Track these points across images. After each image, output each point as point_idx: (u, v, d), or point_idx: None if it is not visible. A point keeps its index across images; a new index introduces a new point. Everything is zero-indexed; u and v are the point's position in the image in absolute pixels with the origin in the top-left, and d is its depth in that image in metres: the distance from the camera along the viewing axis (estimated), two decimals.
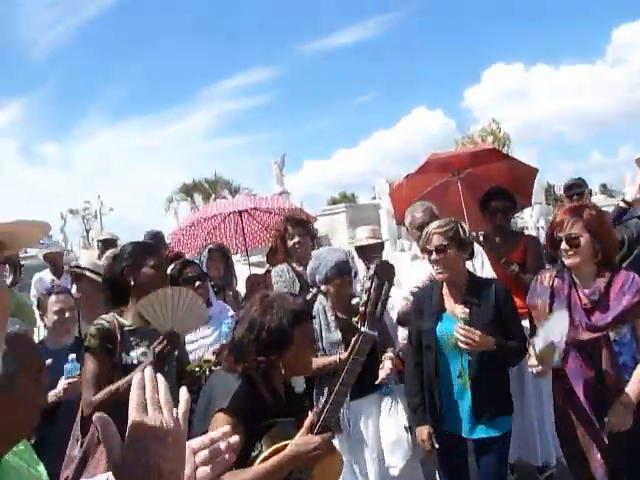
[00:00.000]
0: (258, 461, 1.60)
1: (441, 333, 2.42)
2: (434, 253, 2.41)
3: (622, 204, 3.18)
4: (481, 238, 3.79)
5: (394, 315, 3.10)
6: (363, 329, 1.73)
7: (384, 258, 4.50)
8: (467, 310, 2.30)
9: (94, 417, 0.78)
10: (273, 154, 27.36)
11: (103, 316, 2.30)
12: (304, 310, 1.84)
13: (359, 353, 1.73)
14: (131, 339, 2.25)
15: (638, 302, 2.10)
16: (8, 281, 0.52)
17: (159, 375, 0.83)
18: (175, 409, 0.80)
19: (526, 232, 6.86)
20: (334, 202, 33.77)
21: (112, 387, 2.10)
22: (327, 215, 18.77)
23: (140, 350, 2.23)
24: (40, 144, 74.76)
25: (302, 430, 1.63)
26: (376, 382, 2.55)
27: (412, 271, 3.19)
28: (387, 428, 2.66)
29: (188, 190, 37.05)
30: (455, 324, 2.30)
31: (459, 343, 2.27)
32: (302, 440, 1.61)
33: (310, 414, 1.69)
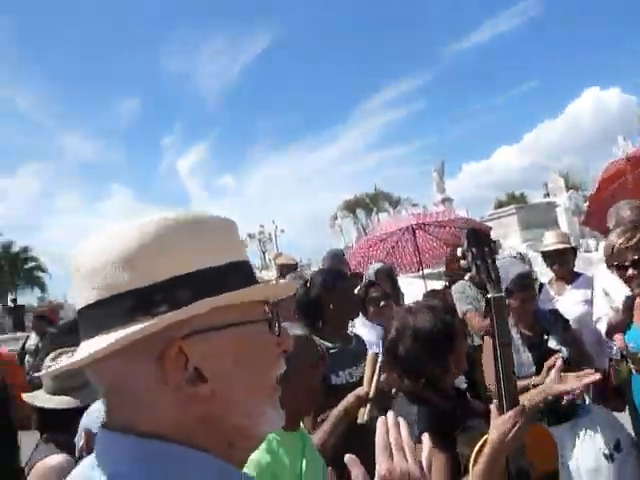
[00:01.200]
0: (470, 467, 1.54)
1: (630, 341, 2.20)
2: (631, 269, 2.19)
3: None
4: None
5: (602, 326, 2.80)
6: (489, 295, 1.61)
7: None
8: None
9: (345, 459, 0.81)
10: (430, 161, 26.99)
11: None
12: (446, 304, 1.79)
13: (500, 316, 1.60)
14: (337, 360, 2.37)
15: None
16: (276, 331, 0.62)
17: (400, 419, 0.86)
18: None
19: None
20: (501, 205, 31.85)
21: (325, 427, 1.98)
22: (495, 219, 17.77)
23: (347, 371, 2.35)
24: (218, 178, 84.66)
25: (492, 416, 1.53)
26: (563, 401, 2.26)
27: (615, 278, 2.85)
28: (584, 454, 2.41)
29: (350, 206, 38.37)
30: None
31: None
32: (498, 421, 1.50)
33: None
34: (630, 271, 2.18)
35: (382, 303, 3.18)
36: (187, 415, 0.60)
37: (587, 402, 2.55)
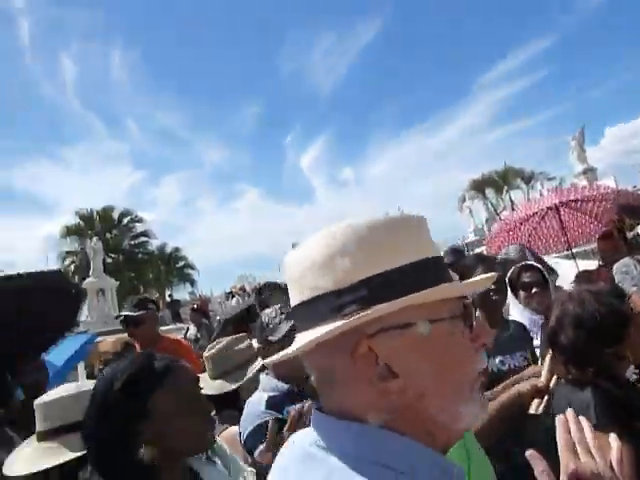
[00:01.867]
0: None
1: None
2: None
3: None
4: None
5: None
6: None
7: None
8: None
9: (527, 454, 0.79)
10: (563, 131, 24.64)
11: None
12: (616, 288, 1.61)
13: None
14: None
15: None
16: (468, 324, 0.65)
17: (582, 417, 0.84)
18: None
19: None
20: None
21: (494, 407, 1.93)
22: None
23: (499, 358, 2.26)
24: (340, 170, 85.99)
25: None
26: None
27: None
28: None
29: (478, 186, 36.56)
30: None
31: None
32: None
33: None
34: None
35: (534, 290, 3.00)
36: (386, 405, 0.65)
37: None
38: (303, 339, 0.67)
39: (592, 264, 4.29)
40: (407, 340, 0.64)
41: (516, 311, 2.95)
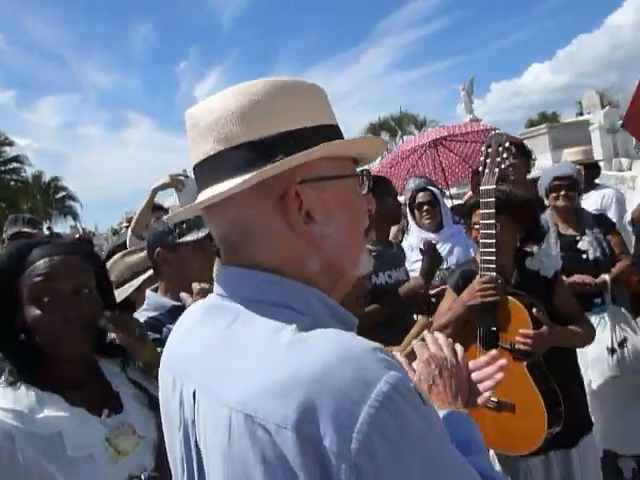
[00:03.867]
0: None
1: None
2: None
3: None
4: None
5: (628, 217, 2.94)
6: (482, 187, 1.86)
7: (601, 183, 4.10)
8: None
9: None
10: (457, 80, 25.77)
11: None
12: None
13: (484, 207, 1.86)
14: (376, 262, 2.52)
15: None
16: (364, 190, 0.69)
17: (438, 334, 1.03)
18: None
19: None
20: (532, 124, 30.53)
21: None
22: (527, 139, 17.12)
23: (387, 272, 2.51)
24: None
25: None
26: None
27: None
28: (592, 345, 2.58)
29: (375, 129, 37.41)
30: None
31: None
32: (474, 282, 1.88)
33: None
34: None
35: (425, 208, 3.25)
36: (302, 253, 0.70)
37: (606, 302, 2.78)
38: (224, 187, 0.67)
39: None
40: (325, 191, 0.70)
41: (413, 230, 3.31)
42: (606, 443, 2.84)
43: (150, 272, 2.07)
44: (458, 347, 0.99)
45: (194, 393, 0.68)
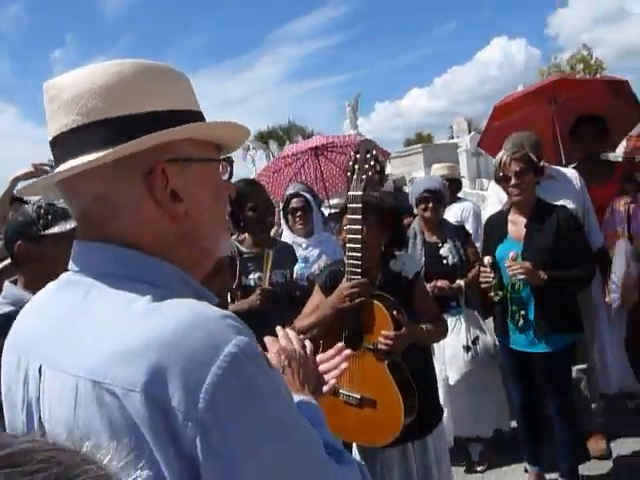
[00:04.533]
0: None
1: (502, 254, 2.57)
2: (514, 178, 2.51)
3: None
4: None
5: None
6: (350, 193, 1.91)
7: (463, 197, 4.54)
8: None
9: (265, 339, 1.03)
10: (346, 97, 26.86)
11: None
12: None
13: (352, 212, 1.90)
14: (248, 264, 2.63)
15: None
16: (226, 175, 0.66)
17: (289, 330, 1.08)
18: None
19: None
20: (409, 143, 32.82)
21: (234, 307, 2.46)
22: (403, 156, 18.42)
23: (257, 274, 2.60)
24: None
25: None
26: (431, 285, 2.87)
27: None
28: (448, 345, 3.00)
29: (263, 137, 37.49)
30: (507, 256, 2.48)
31: (509, 273, 2.45)
32: (342, 285, 1.95)
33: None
34: (513, 181, 2.52)
35: (298, 214, 3.29)
36: (165, 230, 0.71)
37: (461, 305, 3.07)
38: (88, 158, 0.65)
39: None
40: (191, 172, 0.72)
41: (285, 234, 3.38)
42: (461, 430, 3.14)
43: (6, 262, 1.91)
44: (307, 342, 1.05)
45: (40, 368, 0.66)
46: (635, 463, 2.96)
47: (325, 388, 1.01)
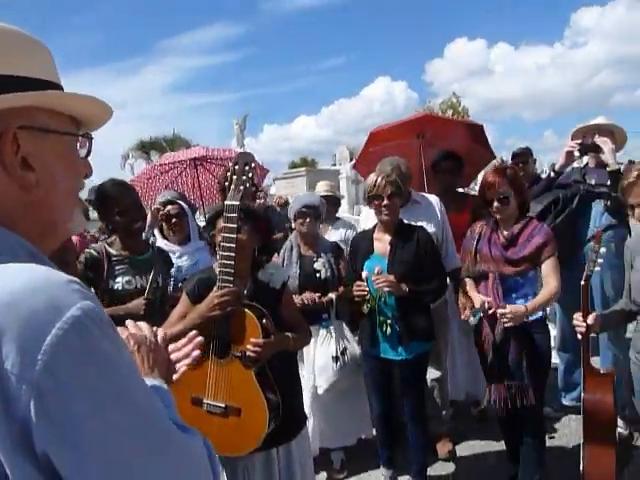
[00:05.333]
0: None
1: (369, 269, 2.75)
2: (386, 199, 2.73)
3: (552, 174, 3.59)
4: None
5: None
6: (227, 202, 1.96)
7: (344, 219, 4.77)
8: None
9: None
10: (235, 115, 26.83)
11: (94, 245, 2.66)
12: None
13: (228, 221, 1.94)
14: (116, 267, 2.53)
15: (544, 242, 2.54)
16: (84, 152, 0.63)
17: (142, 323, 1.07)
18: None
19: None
20: (295, 166, 33.58)
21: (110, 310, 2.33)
22: (288, 178, 18.79)
23: (126, 278, 2.53)
24: None
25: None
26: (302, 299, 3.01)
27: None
28: (319, 355, 3.14)
29: (145, 147, 35.83)
30: (373, 270, 2.66)
31: (375, 286, 2.63)
32: (213, 294, 1.94)
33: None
34: (385, 201, 2.73)
35: (174, 220, 3.27)
36: (13, 199, 0.68)
37: (331, 317, 3.19)
38: None
39: None
40: (44, 142, 0.71)
41: (158, 241, 3.31)
42: (327, 442, 3.25)
43: None
44: (160, 331, 1.06)
45: None
46: (476, 463, 3.29)
47: (175, 376, 1.02)
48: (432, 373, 3.35)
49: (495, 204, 2.59)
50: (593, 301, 3.42)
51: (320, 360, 3.12)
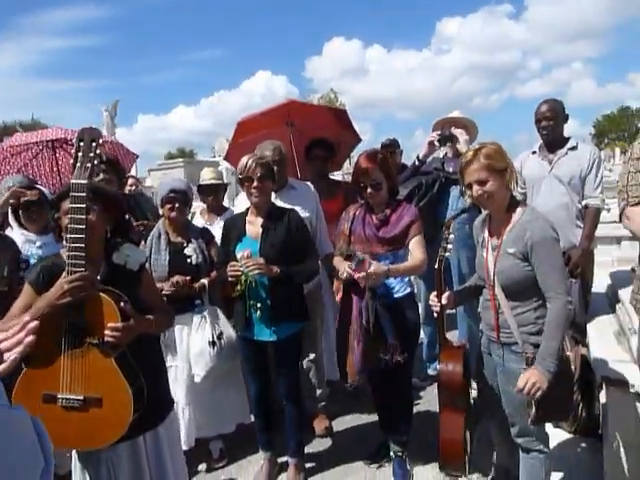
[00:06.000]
0: None
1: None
2: (256, 181, 2.73)
3: (417, 162, 3.86)
4: None
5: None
6: (73, 180, 1.81)
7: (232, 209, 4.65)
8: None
9: None
10: (105, 102, 24.99)
11: None
12: None
13: (76, 201, 1.79)
14: None
15: (412, 221, 2.74)
16: None
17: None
18: None
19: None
20: (171, 157, 32.25)
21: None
22: (164, 169, 18.01)
23: None
24: None
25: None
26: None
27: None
28: (194, 342, 3.05)
29: (8, 132, 31.94)
30: (244, 250, 2.69)
31: (244, 270, 2.64)
32: (62, 279, 1.77)
33: None
34: (255, 183, 2.74)
35: (33, 209, 2.95)
36: None
37: (205, 303, 3.12)
38: None
39: None
40: None
41: (15, 231, 3.00)
42: (204, 432, 3.18)
43: None
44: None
45: None
46: (352, 437, 3.45)
47: (2, 367, 0.98)
48: (308, 354, 3.43)
49: (369, 190, 2.72)
50: (451, 278, 3.78)
51: (195, 347, 3.03)
